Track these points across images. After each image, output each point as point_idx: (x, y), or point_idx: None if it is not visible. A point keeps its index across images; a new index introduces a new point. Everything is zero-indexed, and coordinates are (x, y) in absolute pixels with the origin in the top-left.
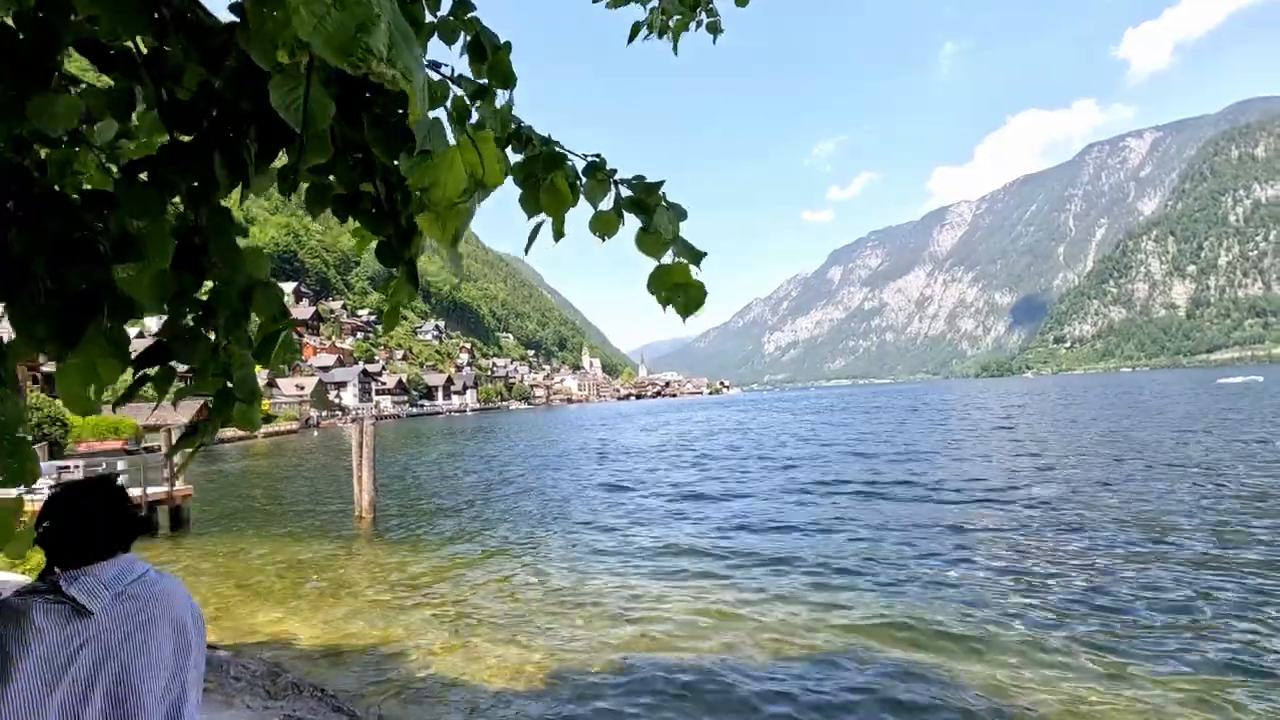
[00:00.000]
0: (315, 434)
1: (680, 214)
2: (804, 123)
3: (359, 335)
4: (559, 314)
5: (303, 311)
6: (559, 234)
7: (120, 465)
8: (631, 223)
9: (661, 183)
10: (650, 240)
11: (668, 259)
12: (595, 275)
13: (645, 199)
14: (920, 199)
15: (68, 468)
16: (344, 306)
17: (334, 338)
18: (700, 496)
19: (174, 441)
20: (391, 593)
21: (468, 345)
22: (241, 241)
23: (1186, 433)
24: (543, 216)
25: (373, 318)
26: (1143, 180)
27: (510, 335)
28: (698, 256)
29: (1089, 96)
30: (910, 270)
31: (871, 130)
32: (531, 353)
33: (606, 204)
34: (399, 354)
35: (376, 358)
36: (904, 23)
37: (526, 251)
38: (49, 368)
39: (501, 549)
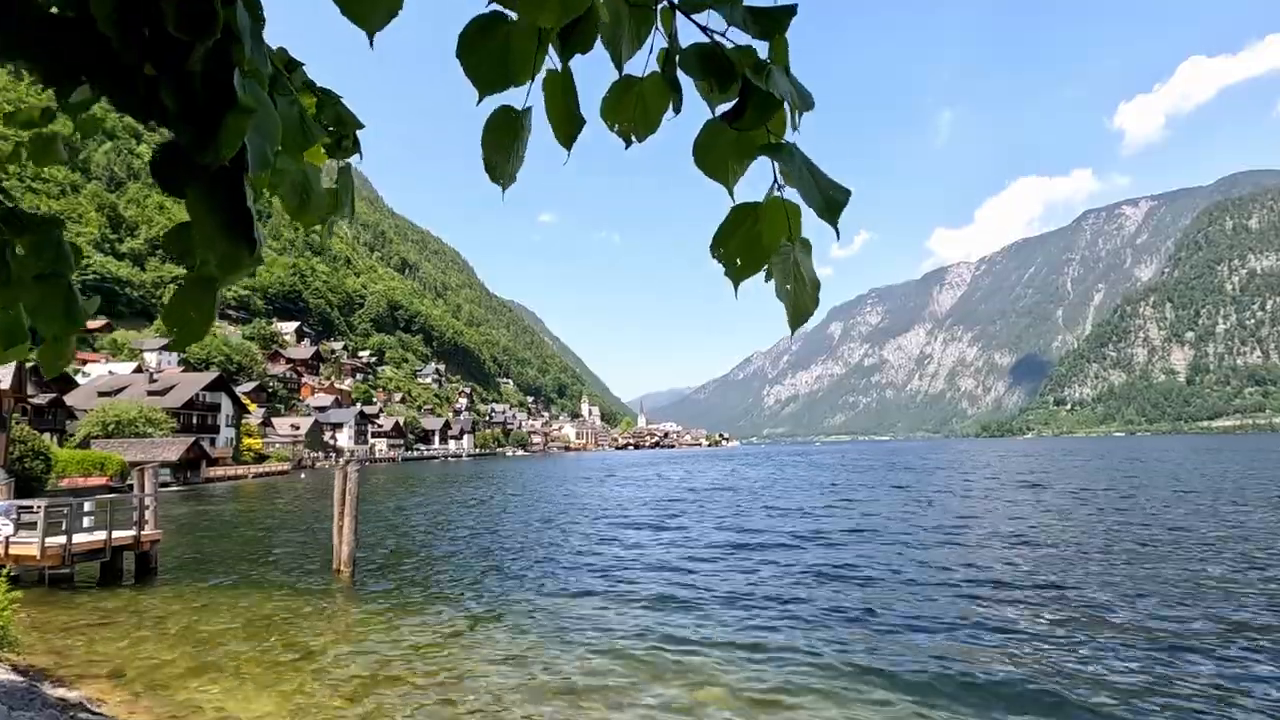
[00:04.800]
0: (303, 476)
1: (805, 98)
2: None
3: (358, 376)
4: (559, 361)
5: (304, 351)
6: (566, 118)
7: (87, 506)
8: (692, 109)
9: (789, 11)
10: (733, 144)
11: (750, 193)
12: (598, 322)
13: (734, 55)
14: (920, 258)
15: (30, 508)
16: (345, 347)
17: (333, 378)
18: (704, 574)
19: (148, 479)
20: (359, 665)
21: (467, 390)
22: None
23: None
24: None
25: (374, 359)
26: (1139, 247)
27: (510, 381)
28: (836, 197)
29: (1086, 165)
30: (910, 328)
31: (872, 191)
32: (531, 399)
33: (643, 57)
34: (397, 396)
35: (375, 399)
36: (902, 89)
37: (502, 185)
38: (39, 400)
39: (485, 619)
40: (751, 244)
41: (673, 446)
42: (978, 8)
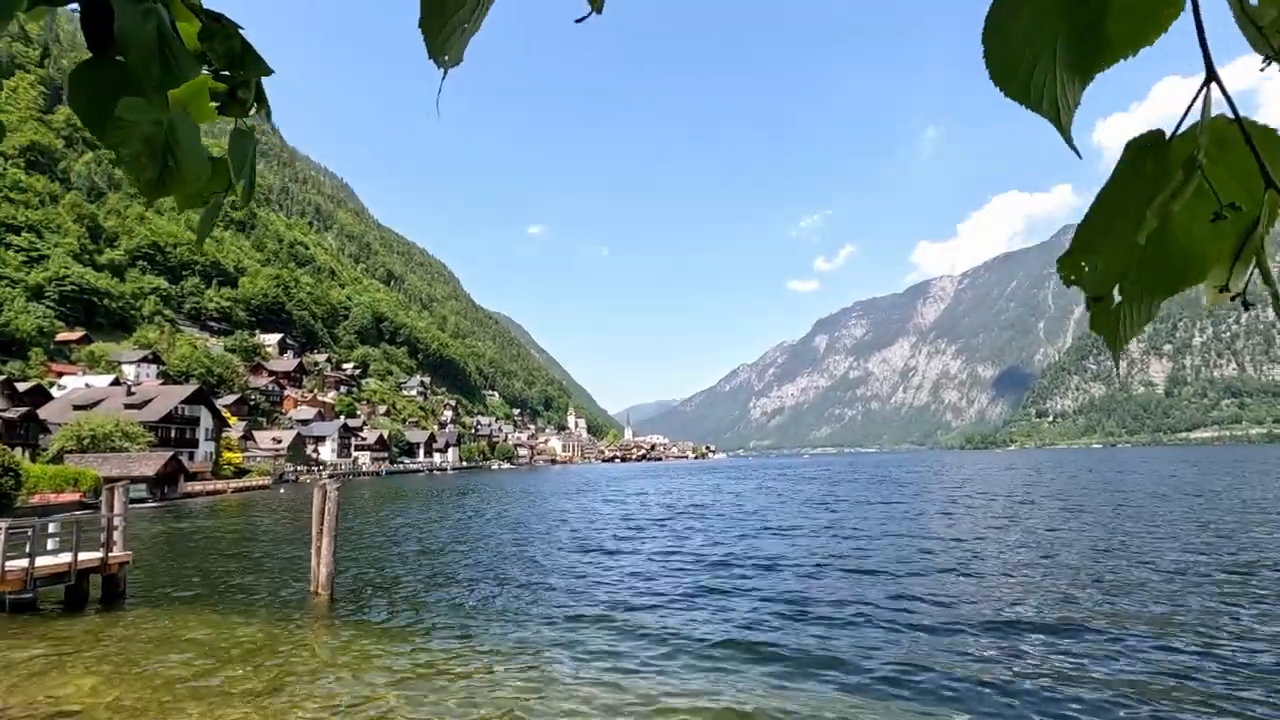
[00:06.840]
0: (283, 491)
1: None
2: (791, 198)
3: (342, 389)
4: (546, 374)
5: (287, 363)
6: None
7: (51, 527)
8: None
9: None
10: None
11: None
12: (585, 334)
13: None
14: (903, 272)
15: None
16: (329, 359)
17: (316, 391)
18: (686, 607)
19: (118, 498)
20: (333, 699)
21: (452, 402)
22: None
23: None
24: None
25: (358, 371)
26: None
27: (496, 393)
28: None
29: (1065, 181)
30: (895, 341)
31: (857, 205)
32: (517, 412)
33: None
34: (381, 409)
35: (358, 412)
36: (886, 106)
37: None
38: (10, 414)
39: (467, 646)
40: (1170, 238)
41: (660, 459)
42: (962, 30)
